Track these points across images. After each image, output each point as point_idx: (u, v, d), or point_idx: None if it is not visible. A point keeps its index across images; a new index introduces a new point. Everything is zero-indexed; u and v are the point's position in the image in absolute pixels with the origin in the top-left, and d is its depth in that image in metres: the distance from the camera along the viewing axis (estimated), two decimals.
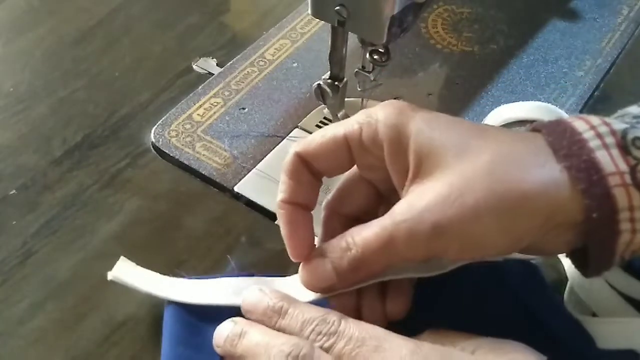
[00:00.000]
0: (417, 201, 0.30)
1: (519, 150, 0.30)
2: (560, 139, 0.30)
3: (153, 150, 0.48)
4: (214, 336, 0.33)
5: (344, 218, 0.36)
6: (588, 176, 0.29)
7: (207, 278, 0.37)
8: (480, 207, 0.29)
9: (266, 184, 0.45)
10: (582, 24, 0.59)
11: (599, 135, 0.30)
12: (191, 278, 0.37)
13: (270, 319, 0.33)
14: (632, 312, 0.39)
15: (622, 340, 0.35)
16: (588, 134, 0.30)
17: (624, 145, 0.29)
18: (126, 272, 0.37)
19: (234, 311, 0.35)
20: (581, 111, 0.51)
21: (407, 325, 0.32)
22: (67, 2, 0.61)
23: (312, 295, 0.34)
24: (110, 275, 0.36)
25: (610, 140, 0.29)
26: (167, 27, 0.59)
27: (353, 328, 0.31)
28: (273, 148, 0.48)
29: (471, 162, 0.30)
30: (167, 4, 0.62)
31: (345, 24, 0.40)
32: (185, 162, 0.47)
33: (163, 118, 0.50)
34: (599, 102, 0.51)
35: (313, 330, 0.31)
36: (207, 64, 0.55)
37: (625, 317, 0.38)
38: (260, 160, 0.47)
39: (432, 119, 0.32)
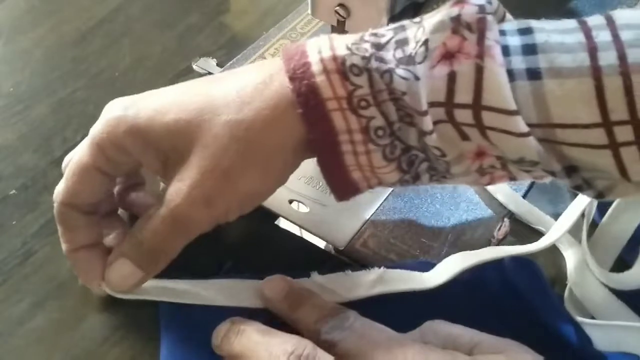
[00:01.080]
0: (182, 185, 0.32)
1: (257, 95, 0.31)
2: (290, 63, 0.31)
3: None
4: (212, 336, 0.33)
5: (79, 210, 0.35)
6: (306, 101, 0.30)
7: (201, 279, 0.38)
8: (235, 167, 0.31)
9: None
10: None
11: (322, 60, 0.30)
12: (185, 280, 0.37)
13: (290, 306, 0.34)
14: (628, 314, 0.39)
15: (616, 345, 0.35)
16: (313, 58, 0.30)
17: (343, 71, 0.30)
18: None
19: (232, 310, 0.35)
20: None
21: (408, 315, 0.33)
22: (67, 2, 0.61)
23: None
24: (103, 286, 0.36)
25: (331, 65, 0.30)
26: (167, 27, 0.59)
27: (365, 327, 0.32)
28: None
29: (214, 134, 0.31)
30: (167, 4, 0.61)
31: (345, 24, 0.40)
32: None
33: None
34: None
35: (328, 322, 0.32)
36: (207, 64, 0.55)
37: (621, 318, 0.38)
38: None
39: (149, 115, 0.32)
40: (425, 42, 0.30)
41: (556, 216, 0.43)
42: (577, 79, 0.28)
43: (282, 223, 0.44)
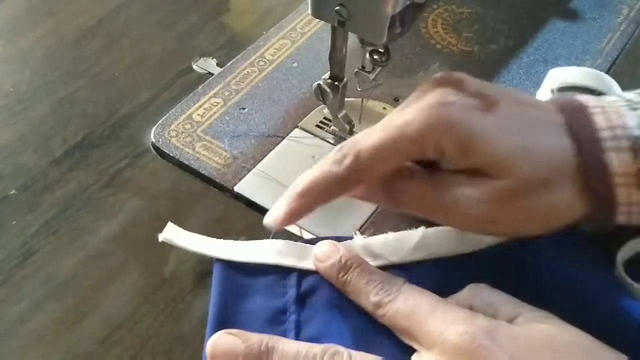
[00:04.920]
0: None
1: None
2: (579, 130, 0.32)
3: (153, 150, 0.48)
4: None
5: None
6: (595, 176, 0.31)
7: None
8: None
9: (266, 184, 0.45)
10: (582, 24, 0.59)
11: (615, 137, 0.31)
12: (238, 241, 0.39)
13: (338, 272, 0.35)
14: None
15: None
16: (605, 133, 0.32)
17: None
18: (175, 234, 0.39)
19: (279, 271, 0.37)
20: None
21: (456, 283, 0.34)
22: (67, 2, 0.61)
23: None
24: (161, 237, 0.39)
25: (624, 143, 0.31)
26: (167, 27, 0.59)
27: (413, 290, 0.33)
28: (273, 148, 0.48)
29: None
30: (167, 4, 0.62)
31: (345, 24, 0.40)
32: (185, 162, 0.47)
33: (163, 118, 0.50)
34: None
35: (376, 286, 0.34)
36: (207, 64, 0.55)
37: None
38: (260, 160, 0.47)
39: (488, 121, 0.32)
40: None
41: None
42: None
43: None
